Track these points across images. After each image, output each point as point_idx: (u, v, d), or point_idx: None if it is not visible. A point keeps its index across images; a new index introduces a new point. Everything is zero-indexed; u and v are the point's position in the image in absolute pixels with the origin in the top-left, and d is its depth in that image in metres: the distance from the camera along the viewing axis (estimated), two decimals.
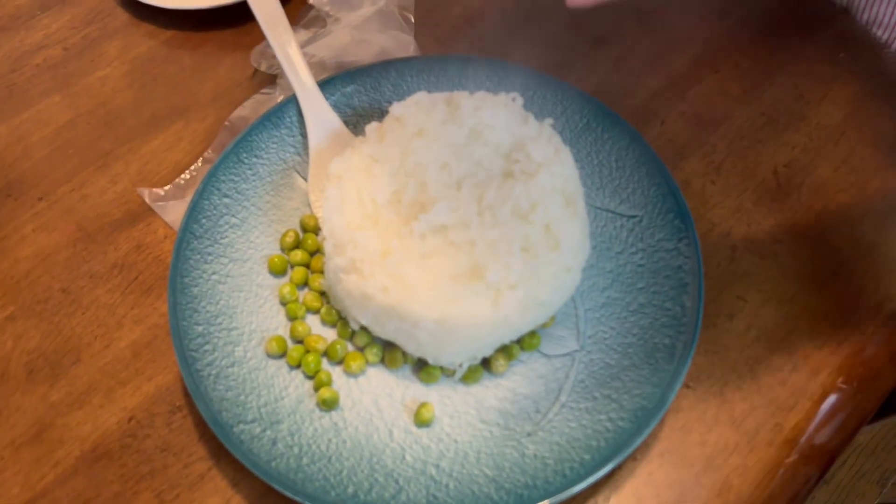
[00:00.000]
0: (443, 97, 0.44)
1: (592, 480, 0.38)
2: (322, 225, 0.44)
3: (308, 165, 0.49)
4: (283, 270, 0.46)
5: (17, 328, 0.46)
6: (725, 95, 0.55)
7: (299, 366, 0.43)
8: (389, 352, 0.43)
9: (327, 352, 0.43)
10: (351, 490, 0.38)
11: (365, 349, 0.43)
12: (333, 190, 0.42)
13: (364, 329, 0.43)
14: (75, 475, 0.41)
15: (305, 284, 0.46)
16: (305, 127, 0.50)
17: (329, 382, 0.42)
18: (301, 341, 0.44)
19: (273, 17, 0.51)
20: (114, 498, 0.40)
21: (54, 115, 0.55)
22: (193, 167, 0.52)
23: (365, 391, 0.43)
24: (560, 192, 0.41)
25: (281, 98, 0.53)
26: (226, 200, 0.46)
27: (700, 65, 0.57)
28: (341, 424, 0.41)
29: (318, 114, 0.50)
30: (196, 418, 0.43)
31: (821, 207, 0.50)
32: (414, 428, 0.41)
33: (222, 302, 0.44)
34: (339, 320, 0.45)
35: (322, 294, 0.45)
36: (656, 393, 0.40)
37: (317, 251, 0.47)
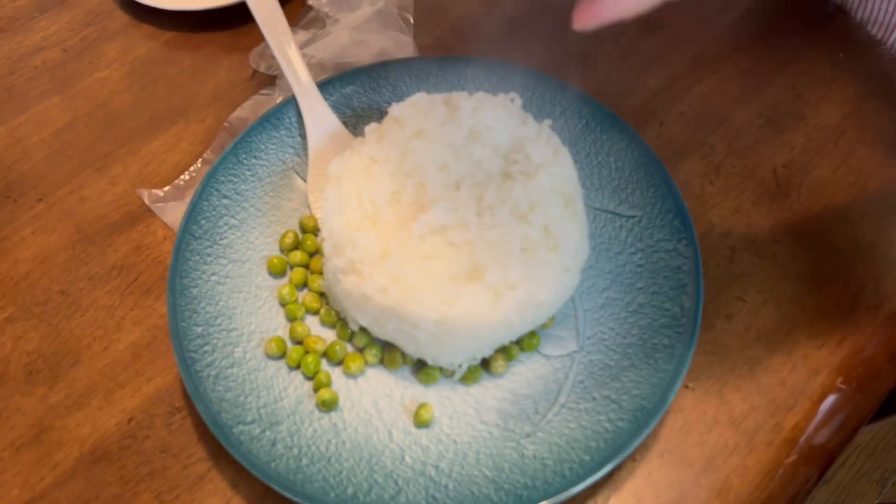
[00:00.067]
0: (442, 98, 0.44)
1: (592, 481, 0.38)
2: (321, 226, 0.44)
3: (307, 166, 0.49)
4: (283, 271, 0.46)
5: (17, 330, 0.46)
6: (724, 96, 0.55)
7: (299, 367, 0.43)
8: (389, 352, 0.43)
9: (327, 353, 0.43)
10: (350, 491, 0.38)
11: (364, 350, 0.43)
12: (332, 191, 0.42)
13: (363, 330, 0.43)
14: (75, 477, 0.41)
15: (305, 285, 0.46)
16: (304, 128, 0.50)
17: (328, 383, 0.42)
18: (300, 342, 0.44)
19: (272, 19, 0.51)
20: (113, 499, 0.40)
21: (53, 117, 0.55)
22: (193, 168, 0.52)
23: (364, 392, 0.43)
24: (559, 193, 0.41)
25: (280, 99, 0.53)
26: (225, 201, 0.46)
27: (699, 65, 0.57)
28: (341, 425, 0.41)
29: (318, 115, 0.50)
30: (195, 419, 0.43)
31: (820, 208, 0.50)
32: (413, 429, 0.41)
33: (221, 303, 0.44)
34: (339, 321, 0.45)
35: (321, 295, 0.45)
36: (655, 393, 0.40)
37: (316, 252, 0.47)
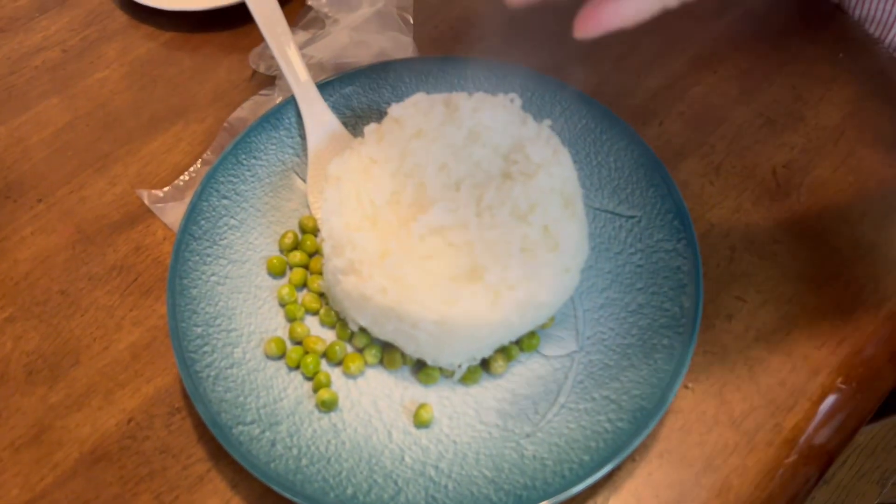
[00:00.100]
0: (441, 98, 0.44)
1: (591, 481, 0.38)
2: (321, 226, 0.44)
3: (307, 167, 0.49)
4: (282, 272, 0.46)
5: (17, 330, 0.46)
6: (724, 96, 0.55)
7: (298, 367, 0.43)
8: (388, 353, 0.43)
9: (326, 353, 0.43)
10: (350, 491, 0.38)
11: (364, 350, 0.43)
12: (332, 191, 0.42)
13: (363, 330, 0.43)
14: (74, 477, 0.41)
15: (304, 286, 0.46)
16: (304, 128, 0.50)
17: (328, 384, 0.42)
18: (300, 342, 0.44)
19: (272, 19, 0.51)
20: (113, 500, 0.40)
21: (53, 117, 0.55)
22: (192, 169, 0.52)
23: (364, 392, 0.43)
24: (559, 193, 0.41)
25: (280, 99, 0.53)
26: (225, 202, 0.46)
27: (699, 65, 0.57)
28: (340, 426, 0.41)
29: (317, 115, 0.50)
30: (195, 420, 0.43)
31: (820, 207, 0.50)
32: (413, 429, 0.41)
33: (221, 303, 0.44)
34: (338, 321, 0.45)
35: (321, 295, 0.45)
36: (655, 393, 0.40)
37: (316, 252, 0.47)
